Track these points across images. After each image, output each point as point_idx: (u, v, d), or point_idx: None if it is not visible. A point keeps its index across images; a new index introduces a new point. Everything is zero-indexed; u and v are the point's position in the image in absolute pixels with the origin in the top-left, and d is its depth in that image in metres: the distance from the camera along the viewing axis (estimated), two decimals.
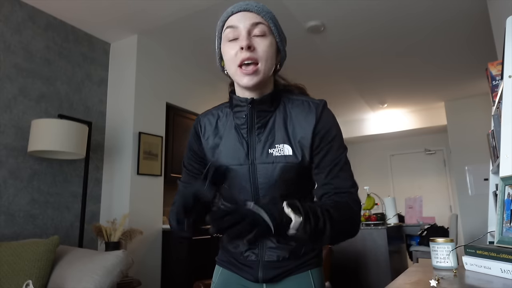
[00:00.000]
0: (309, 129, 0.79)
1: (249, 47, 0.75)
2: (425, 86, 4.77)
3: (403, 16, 2.99)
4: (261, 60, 0.76)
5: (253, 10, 0.78)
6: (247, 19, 0.77)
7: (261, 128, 0.82)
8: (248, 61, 0.76)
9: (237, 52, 0.76)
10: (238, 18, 0.78)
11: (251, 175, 0.80)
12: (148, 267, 2.90)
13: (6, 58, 2.47)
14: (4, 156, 2.38)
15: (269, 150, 0.80)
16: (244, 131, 0.83)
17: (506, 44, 1.14)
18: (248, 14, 0.78)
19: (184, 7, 2.74)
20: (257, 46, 0.76)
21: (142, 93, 3.13)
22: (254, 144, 0.81)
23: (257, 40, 0.77)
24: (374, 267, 2.91)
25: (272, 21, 0.80)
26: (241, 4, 0.79)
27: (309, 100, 0.84)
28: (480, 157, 4.60)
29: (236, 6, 0.79)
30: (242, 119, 0.83)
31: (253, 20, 0.77)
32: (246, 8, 0.78)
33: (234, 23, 0.78)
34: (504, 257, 0.71)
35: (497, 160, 1.29)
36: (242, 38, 0.76)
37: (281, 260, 0.83)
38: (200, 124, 0.90)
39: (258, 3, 0.81)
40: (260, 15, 0.78)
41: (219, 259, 0.94)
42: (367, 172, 6.89)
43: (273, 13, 0.83)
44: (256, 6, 0.79)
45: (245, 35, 0.76)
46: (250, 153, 0.81)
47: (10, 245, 1.95)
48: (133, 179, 2.92)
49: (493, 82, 1.53)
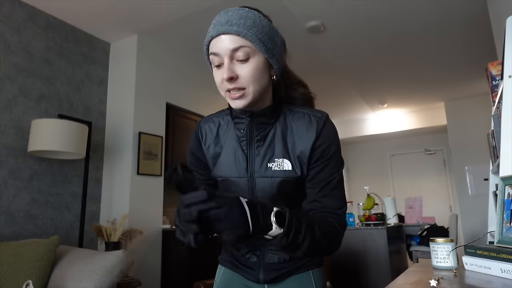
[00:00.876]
0: (308, 144, 0.78)
1: (230, 78, 0.71)
2: (425, 86, 4.77)
3: (403, 16, 2.99)
4: (248, 85, 0.73)
5: (232, 32, 0.70)
6: (227, 43, 0.71)
7: (261, 141, 0.81)
8: (233, 90, 0.73)
9: (222, 81, 0.73)
10: (218, 44, 0.72)
11: (249, 188, 0.80)
12: (148, 267, 2.90)
13: (6, 58, 2.47)
14: (4, 156, 2.38)
15: (268, 164, 0.79)
16: (244, 143, 0.82)
17: (506, 44, 1.14)
18: (228, 37, 0.71)
19: (184, 7, 2.74)
20: (240, 73, 0.72)
21: (142, 93, 3.13)
22: (253, 157, 0.81)
23: (240, 66, 0.72)
24: (374, 267, 2.91)
25: (258, 37, 0.72)
26: (222, 21, 0.72)
27: (311, 113, 0.81)
28: (480, 157, 4.60)
29: (216, 27, 0.72)
30: (241, 131, 0.82)
31: (233, 45, 0.71)
32: (224, 30, 0.71)
33: (215, 50, 0.73)
34: (504, 257, 0.71)
35: (497, 160, 1.29)
36: (224, 68, 0.72)
37: (282, 261, 0.83)
38: (201, 131, 0.89)
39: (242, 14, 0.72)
40: (240, 36, 0.70)
41: (221, 259, 0.94)
42: (367, 172, 6.90)
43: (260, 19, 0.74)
44: (237, 25, 0.70)
45: (226, 64, 0.71)
46: (249, 166, 0.80)
47: (10, 245, 1.95)
48: (133, 179, 2.92)
49: (493, 82, 1.53)
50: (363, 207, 3.45)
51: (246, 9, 0.74)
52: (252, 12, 0.74)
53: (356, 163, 7.10)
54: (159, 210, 3.12)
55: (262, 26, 0.74)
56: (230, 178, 0.82)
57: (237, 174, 0.81)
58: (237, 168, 0.81)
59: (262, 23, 0.74)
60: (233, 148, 0.83)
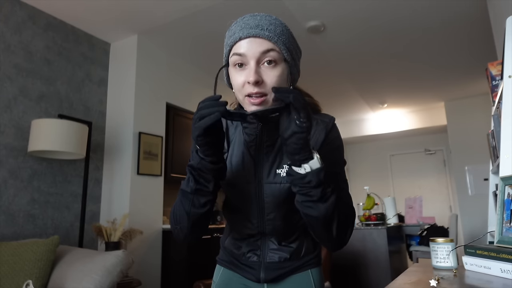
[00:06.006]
0: (316, 145, 0.78)
1: (257, 82, 0.68)
2: (425, 86, 4.77)
3: (403, 16, 2.99)
4: (270, 91, 0.70)
5: (263, 36, 0.70)
6: (256, 46, 0.69)
7: (270, 147, 0.80)
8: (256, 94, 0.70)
9: (245, 83, 0.70)
10: (246, 45, 0.70)
11: (257, 193, 0.80)
12: (148, 267, 2.90)
13: (6, 58, 2.47)
14: (4, 156, 2.38)
15: (276, 170, 0.79)
16: (253, 149, 0.81)
17: (506, 44, 1.14)
18: (258, 40, 0.70)
19: (184, 7, 2.74)
20: (266, 78, 0.70)
21: (142, 93, 3.13)
22: (262, 163, 0.80)
23: (266, 71, 0.70)
24: (374, 267, 2.91)
25: (285, 45, 0.72)
26: (251, 24, 0.71)
27: (319, 118, 0.82)
28: (480, 157, 4.60)
29: (244, 29, 0.71)
30: (251, 136, 0.81)
31: (263, 48, 0.69)
32: (256, 33, 0.69)
33: (241, 51, 0.70)
34: (504, 257, 0.71)
35: (497, 160, 1.29)
36: (250, 71, 0.69)
37: (282, 261, 0.83)
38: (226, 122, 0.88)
39: (271, 20, 0.72)
40: (271, 41, 0.70)
41: (220, 259, 0.94)
42: (367, 172, 6.90)
43: (287, 29, 0.74)
44: (268, 30, 0.70)
45: (253, 67, 0.69)
46: (257, 172, 0.80)
47: (10, 245, 1.95)
48: (133, 179, 2.92)
49: (493, 82, 1.53)
50: (363, 207, 3.46)
51: (275, 17, 0.75)
52: (279, 21, 0.74)
53: (356, 163, 7.10)
54: (159, 210, 3.12)
55: (289, 35, 0.75)
56: (237, 183, 0.81)
57: (244, 180, 0.80)
58: (245, 174, 0.81)
59: (289, 32, 0.75)
60: (242, 152, 0.82)
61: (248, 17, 0.73)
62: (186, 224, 0.75)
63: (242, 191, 0.81)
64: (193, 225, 0.75)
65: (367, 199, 3.43)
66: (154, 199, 3.09)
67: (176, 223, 0.77)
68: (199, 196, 0.72)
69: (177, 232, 0.78)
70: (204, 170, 0.70)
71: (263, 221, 0.81)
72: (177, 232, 0.78)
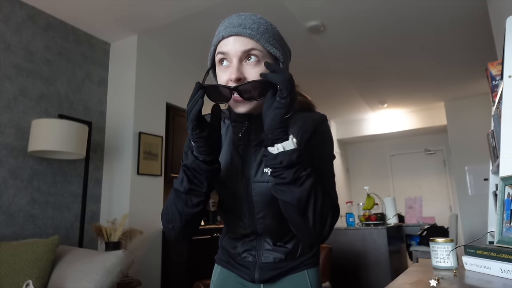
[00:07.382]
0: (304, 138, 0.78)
1: (238, 79, 0.70)
2: (425, 86, 4.78)
3: (403, 16, 2.99)
4: None
5: (245, 35, 0.71)
6: (238, 45, 0.71)
7: (258, 145, 0.80)
8: None
9: (228, 81, 0.72)
10: (228, 44, 0.72)
11: (246, 192, 0.80)
12: (148, 267, 2.90)
13: (6, 58, 2.47)
14: (4, 156, 2.38)
15: (264, 169, 0.78)
16: (241, 148, 0.81)
17: (506, 44, 1.14)
18: (240, 39, 0.71)
19: (184, 7, 2.74)
20: (248, 76, 0.71)
21: (142, 93, 3.13)
22: (250, 162, 0.80)
23: (249, 68, 0.71)
24: (374, 267, 2.91)
25: (269, 42, 0.73)
26: (235, 23, 0.73)
27: (310, 115, 0.81)
28: (480, 157, 4.60)
29: (228, 28, 0.73)
30: (239, 135, 0.82)
31: (244, 47, 0.71)
32: (238, 32, 0.71)
33: (224, 50, 0.72)
34: (504, 257, 0.71)
35: (497, 160, 1.29)
36: (232, 69, 0.71)
37: (277, 261, 0.83)
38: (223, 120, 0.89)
39: (255, 19, 0.73)
40: (253, 39, 0.71)
41: (218, 258, 0.95)
42: (367, 172, 6.90)
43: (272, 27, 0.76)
44: (250, 28, 0.72)
45: (235, 64, 0.71)
46: (245, 171, 0.80)
47: (10, 245, 1.95)
48: (133, 179, 2.92)
49: (493, 82, 1.53)
50: (363, 207, 3.45)
51: (259, 16, 0.76)
52: (264, 20, 0.76)
53: (356, 163, 7.10)
54: (159, 210, 3.11)
55: (274, 33, 0.76)
56: (226, 182, 0.81)
57: (233, 179, 0.81)
58: (233, 173, 0.81)
59: (273, 31, 0.76)
60: (230, 151, 0.83)
61: (233, 17, 0.75)
62: (178, 224, 0.75)
63: (231, 190, 0.81)
64: (185, 225, 0.75)
65: (367, 199, 3.43)
66: (154, 199, 3.09)
67: (168, 222, 0.77)
68: (193, 196, 0.73)
69: (168, 231, 0.78)
70: (198, 171, 0.70)
71: (254, 220, 0.81)
72: (169, 231, 0.78)
